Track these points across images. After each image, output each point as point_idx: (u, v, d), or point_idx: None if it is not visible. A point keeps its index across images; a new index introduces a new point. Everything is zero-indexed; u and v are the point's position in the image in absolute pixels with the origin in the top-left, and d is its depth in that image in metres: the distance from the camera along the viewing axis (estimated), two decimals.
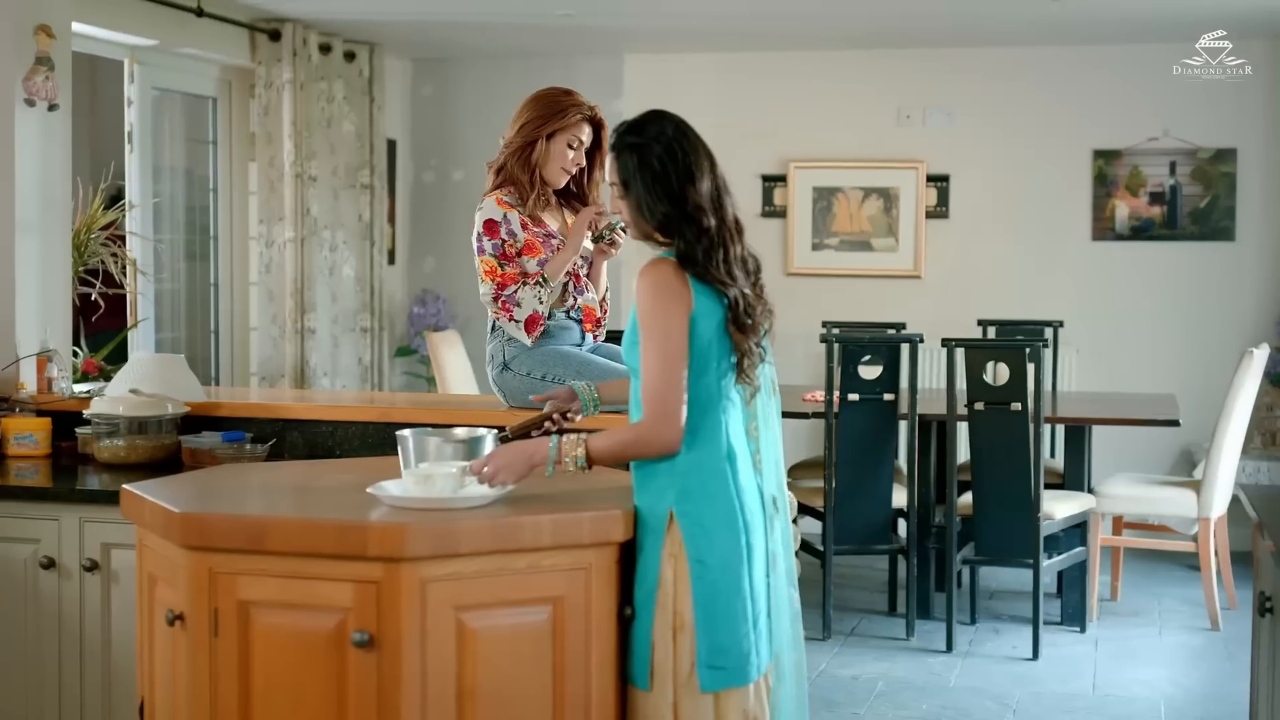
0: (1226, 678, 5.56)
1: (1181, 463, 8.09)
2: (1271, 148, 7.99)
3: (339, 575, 2.86)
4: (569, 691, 3.00)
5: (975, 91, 8.43)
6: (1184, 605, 6.71)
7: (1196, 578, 7.25)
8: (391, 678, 2.84)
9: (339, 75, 7.89)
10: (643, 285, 3.05)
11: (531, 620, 2.96)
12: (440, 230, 9.11)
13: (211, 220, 7.67)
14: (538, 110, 4.21)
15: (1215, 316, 8.07)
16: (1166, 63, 8.08)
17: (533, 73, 8.91)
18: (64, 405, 4.46)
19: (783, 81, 8.66)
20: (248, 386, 7.63)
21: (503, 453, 3.14)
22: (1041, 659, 5.77)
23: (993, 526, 5.86)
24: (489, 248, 4.14)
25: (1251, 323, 8.01)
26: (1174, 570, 7.43)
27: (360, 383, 8.20)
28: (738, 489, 3.08)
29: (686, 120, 3.17)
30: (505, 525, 2.91)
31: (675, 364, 3.02)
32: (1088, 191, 8.27)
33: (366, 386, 8.23)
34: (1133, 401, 7.00)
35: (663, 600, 3.04)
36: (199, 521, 2.91)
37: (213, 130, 7.62)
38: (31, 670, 3.84)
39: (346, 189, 7.99)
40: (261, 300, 7.59)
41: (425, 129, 9.13)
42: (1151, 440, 7.99)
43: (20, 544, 3.85)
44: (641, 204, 3.11)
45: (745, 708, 3.05)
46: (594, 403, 3.53)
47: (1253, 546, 3.92)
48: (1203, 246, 8.11)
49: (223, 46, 7.24)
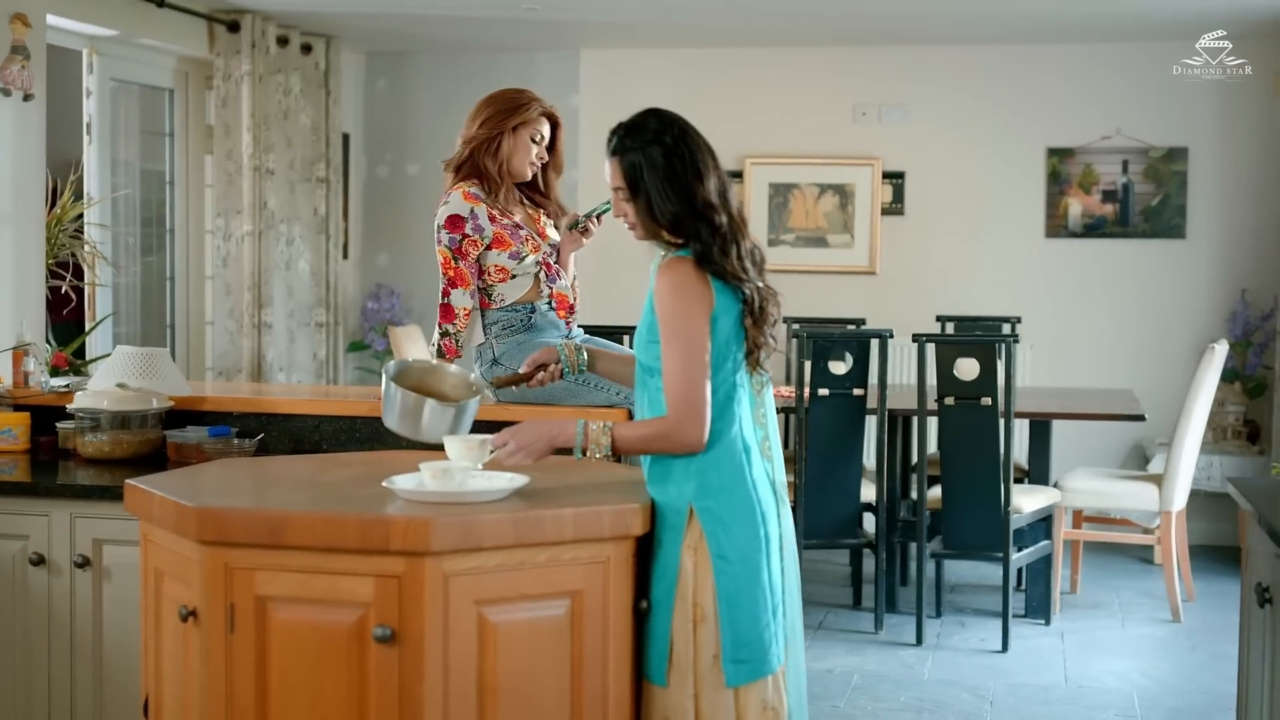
0: (1194, 669, 5.64)
1: (1134, 457, 8.19)
2: (1221, 147, 8.10)
3: (360, 570, 2.83)
4: (587, 685, 3.00)
5: (931, 89, 8.48)
6: (1142, 598, 6.80)
7: (1150, 570, 7.37)
8: (414, 673, 2.82)
9: (295, 68, 7.81)
10: (664, 285, 3.05)
11: (551, 614, 2.95)
12: (394, 225, 9.05)
13: (167, 213, 7.57)
14: (498, 106, 4.25)
15: (1167, 313, 8.18)
16: (1119, 62, 8.20)
17: (488, 67, 8.90)
18: (42, 400, 4.39)
19: (739, 78, 8.67)
20: (203, 381, 7.54)
21: (524, 431, 3.15)
22: (1011, 651, 5.83)
23: (962, 520, 5.90)
24: (445, 240, 4.18)
25: (1203, 319, 8.13)
26: (1126, 563, 7.53)
27: (315, 378, 8.13)
28: (753, 481, 3.10)
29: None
30: (527, 519, 2.90)
31: (700, 363, 3.03)
32: (1041, 189, 8.35)
33: (321, 381, 8.16)
34: (1093, 396, 7.08)
35: (682, 593, 3.05)
36: (215, 516, 2.88)
37: (169, 122, 7.52)
38: (20, 668, 3.78)
39: (302, 182, 7.91)
40: (218, 294, 7.50)
41: (379, 123, 9.06)
42: (1104, 434, 8.09)
43: (8, 540, 3.78)
44: (653, 205, 3.11)
45: (764, 698, 3.06)
46: (578, 366, 3.49)
47: (1241, 539, 3.98)
48: (1154, 244, 8.21)
49: (181, 37, 7.15)
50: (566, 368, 3.44)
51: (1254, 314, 7.97)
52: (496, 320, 4.20)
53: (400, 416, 3.28)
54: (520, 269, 4.17)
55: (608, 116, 4.24)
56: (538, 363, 3.43)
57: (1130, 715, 5.05)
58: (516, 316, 4.20)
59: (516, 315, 4.20)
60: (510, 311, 4.20)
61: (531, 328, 4.20)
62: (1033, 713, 5.07)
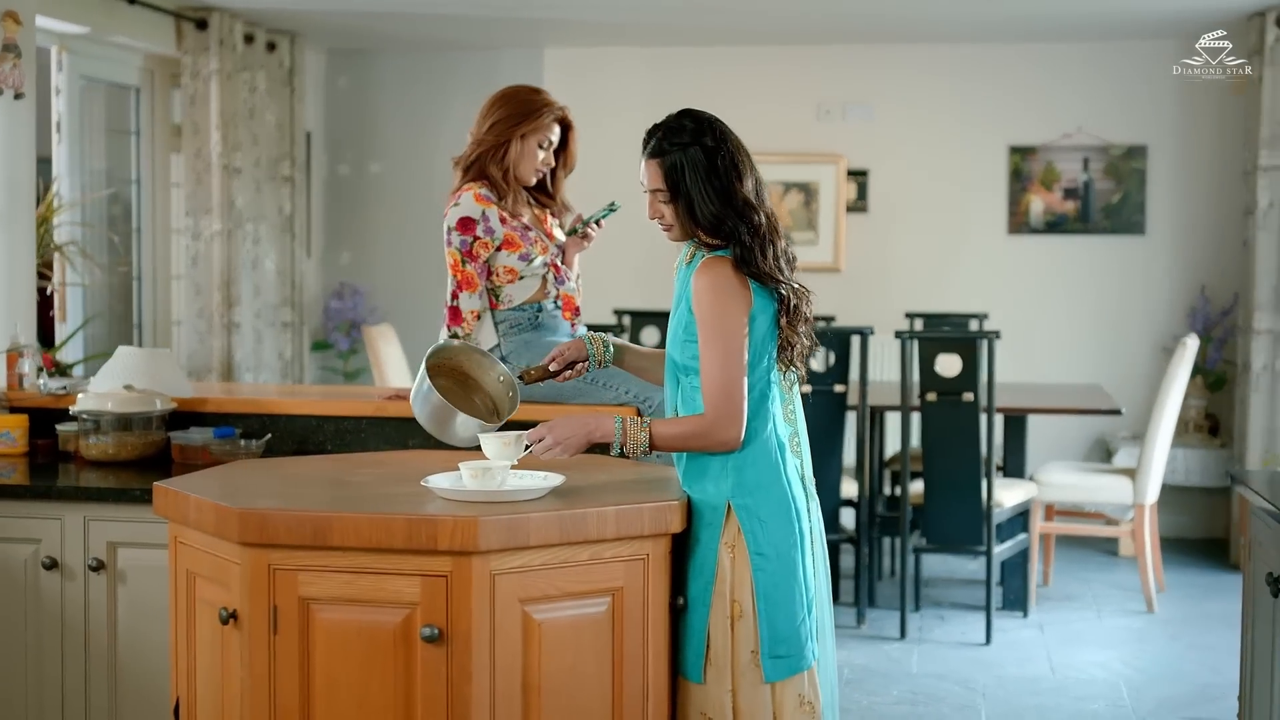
0: (1176, 658, 5.73)
1: (1097, 450, 8.30)
2: (1180, 144, 8.22)
3: (407, 569, 2.83)
4: (627, 682, 3.01)
5: (894, 88, 8.55)
6: (1112, 589, 6.89)
7: (1115, 562, 7.48)
8: (461, 672, 2.82)
9: (261, 66, 7.76)
10: (703, 284, 3.07)
11: (593, 612, 2.97)
12: (356, 224, 9.01)
13: (134, 213, 7.50)
14: (510, 109, 4.21)
15: (1128, 309, 8.29)
16: (1080, 61, 8.30)
17: (451, 66, 8.88)
18: (40, 402, 4.34)
19: (703, 76, 8.70)
20: None
21: (561, 426, 3.15)
22: (994, 644, 5.89)
23: (943, 515, 5.96)
24: (456, 243, 4.14)
25: (1163, 314, 8.25)
26: (1093, 556, 7.63)
27: (281, 378, 8.08)
28: (788, 478, 3.13)
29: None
30: (572, 517, 2.90)
31: (739, 362, 3.05)
32: (1004, 186, 8.44)
33: (288, 381, 8.11)
34: (1064, 391, 7.17)
35: (720, 590, 3.06)
36: (259, 518, 2.86)
37: (135, 120, 7.44)
38: (32, 674, 3.74)
39: (268, 181, 7.86)
40: (188, 294, 7.43)
41: (340, 121, 9.02)
42: (1067, 429, 8.20)
43: (20, 544, 3.74)
44: (694, 206, 3.12)
45: (801, 692, 3.09)
46: (605, 361, 3.47)
47: (1242, 530, 4.05)
48: (1115, 240, 8.33)
49: (149, 35, 7.08)
50: (594, 361, 3.43)
51: (1214, 309, 8.09)
52: (503, 320, 4.20)
53: (430, 416, 3.26)
54: (529, 270, 4.17)
55: (572, 114, 4.27)
56: (567, 358, 3.42)
57: (1120, 705, 5.12)
58: (523, 316, 4.20)
59: (523, 315, 4.20)
60: (517, 311, 4.19)
61: (538, 327, 4.21)
62: (1024, 704, 5.14)
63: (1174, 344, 8.11)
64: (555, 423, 3.17)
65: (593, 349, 3.42)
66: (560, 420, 3.18)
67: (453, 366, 3.35)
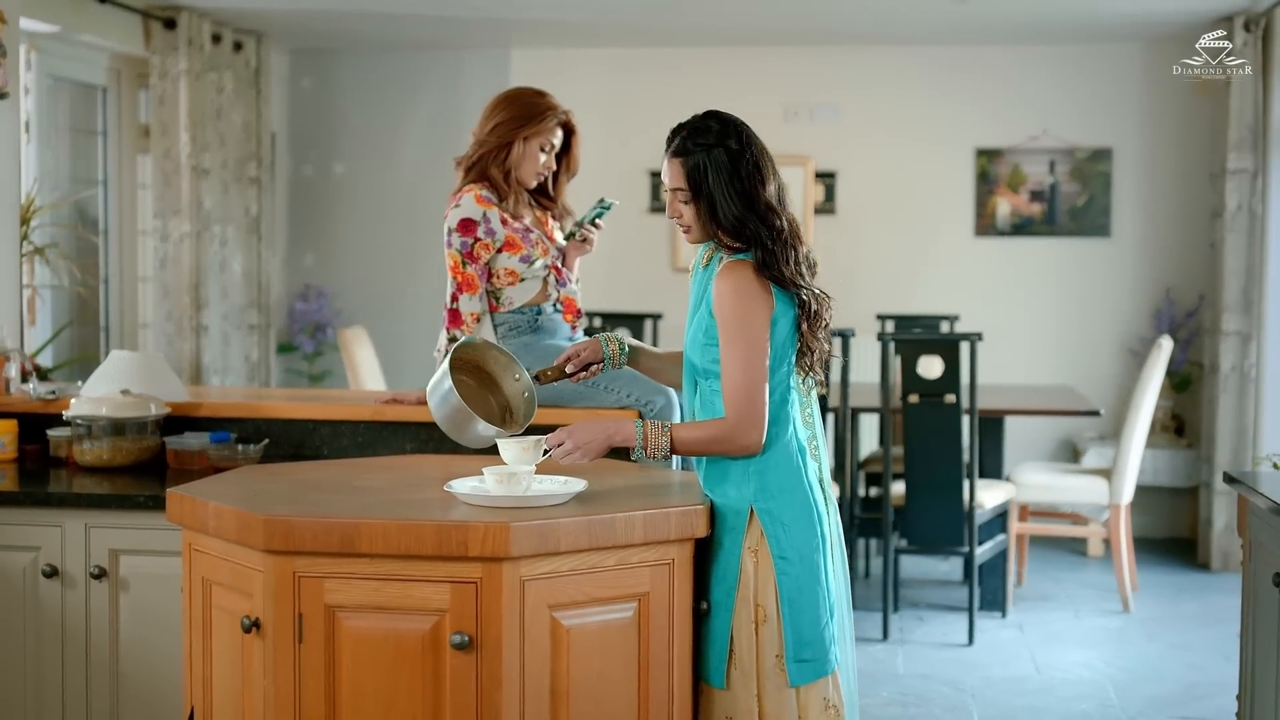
0: (1157, 658, 5.77)
1: (1063, 451, 8.36)
2: (1145, 147, 8.29)
3: (436, 576, 2.80)
4: (653, 687, 3.00)
5: (862, 90, 8.58)
6: (1085, 589, 6.94)
7: (1085, 563, 7.54)
8: (491, 679, 2.80)
9: (228, 66, 7.67)
10: (726, 288, 3.05)
11: (619, 617, 2.95)
12: (320, 225, 8.93)
13: (100, 214, 7.40)
14: (513, 111, 4.18)
15: (1093, 310, 8.35)
16: (1046, 64, 8.36)
17: (416, 66, 8.83)
18: (29, 407, 4.27)
19: (670, 77, 8.69)
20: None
21: (581, 430, 3.12)
22: (976, 644, 5.91)
23: (925, 516, 5.97)
24: (456, 244, 4.12)
25: (1128, 316, 8.31)
26: (1063, 556, 7.68)
27: (248, 380, 8.00)
28: (809, 482, 3.12)
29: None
30: (601, 522, 2.89)
31: (760, 367, 3.04)
32: (971, 189, 8.48)
33: (255, 384, 8.03)
34: (1038, 393, 7.22)
35: (744, 594, 3.06)
36: (284, 525, 2.82)
37: (102, 120, 7.35)
38: (32, 684, 3.68)
39: (235, 182, 7.78)
40: (156, 296, 7.34)
41: (304, 122, 8.94)
42: (1034, 430, 8.25)
43: (18, 552, 3.67)
44: (717, 207, 3.10)
45: (825, 696, 3.08)
46: (620, 361, 3.44)
47: (1240, 531, 4.08)
48: (1081, 243, 8.38)
49: (117, 34, 6.98)
50: (609, 362, 3.41)
51: (1179, 311, 8.17)
52: (503, 322, 4.18)
53: (448, 417, 3.22)
54: (530, 273, 4.14)
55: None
56: (583, 359, 3.39)
57: (1109, 705, 5.15)
58: (523, 319, 4.17)
59: (523, 318, 4.17)
60: (517, 314, 4.17)
61: (538, 330, 4.19)
62: (1013, 704, 5.16)
63: (1140, 345, 8.20)
64: (575, 427, 3.15)
65: (608, 349, 3.39)
66: (580, 424, 3.15)
67: (474, 362, 3.32)
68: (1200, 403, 8.00)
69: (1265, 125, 7.30)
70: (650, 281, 8.51)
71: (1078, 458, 8.04)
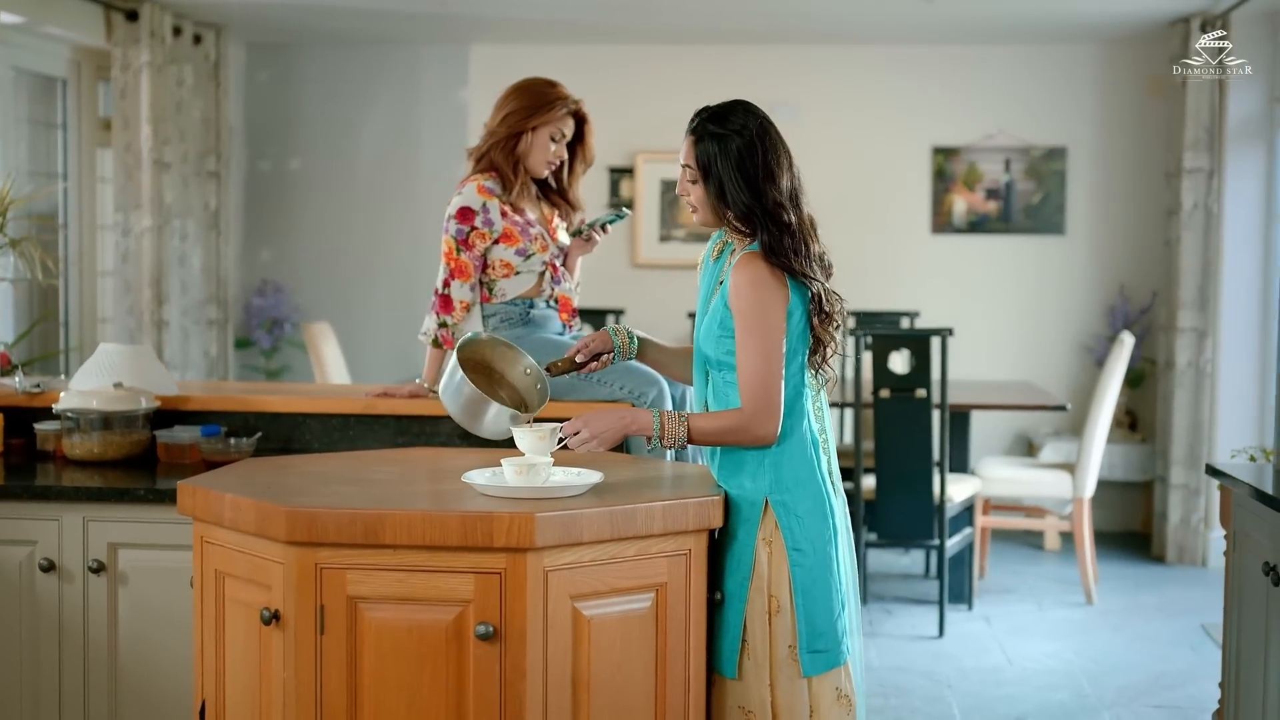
0: (1123, 649, 5.85)
1: (1018, 445, 8.46)
2: (1099, 146, 8.41)
3: (460, 567, 2.81)
4: (670, 676, 3.02)
5: (819, 88, 8.63)
6: (1047, 582, 7.03)
7: (1041, 555, 7.63)
8: (515, 669, 2.81)
9: (188, 59, 7.61)
10: (743, 279, 3.08)
11: (638, 607, 2.97)
12: (277, 220, 8.87)
13: (60, 208, 7.32)
14: (523, 101, 4.20)
15: (1048, 307, 8.46)
16: (1002, 64, 8.45)
17: (374, 60, 8.79)
18: (13, 400, 4.23)
19: (630, 74, 8.71)
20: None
21: (597, 420, 3.14)
22: (946, 637, 5.98)
23: (896, 510, 6.03)
24: (453, 231, 4.13)
25: (1082, 313, 8.42)
26: (1019, 549, 7.77)
27: (207, 376, 7.95)
28: (822, 474, 3.16)
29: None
30: (622, 513, 2.90)
31: (776, 358, 3.07)
32: (928, 187, 8.56)
33: (214, 380, 7.97)
34: (1000, 388, 7.30)
35: (758, 585, 3.08)
36: (307, 517, 2.82)
37: (62, 113, 7.26)
38: (28, 680, 3.64)
39: (194, 176, 7.72)
40: (118, 291, 7.27)
41: (261, 116, 8.87)
42: (990, 425, 8.35)
43: (13, 546, 3.63)
44: (724, 190, 3.14)
45: (838, 686, 3.12)
46: (630, 352, 3.47)
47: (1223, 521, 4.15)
48: (1036, 240, 8.49)
49: (79, 25, 6.91)
50: (618, 353, 3.42)
51: (1133, 308, 8.29)
52: (495, 313, 4.18)
53: (462, 409, 3.22)
54: (525, 266, 4.15)
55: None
56: (592, 350, 3.41)
57: (1084, 695, 5.23)
58: (514, 311, 4.18)
59: (514, 310, 4.18)
60: (509, 305, 4.18)
61: (529, 323, 4.20)
62: (992, 695, 5.22)
63: (1094, 342, 8.31)
64: (590, 416, 3.16)
65: (617, 341, 3.41)
66: (596, 414, 3.17)
67: (478, 360, 3.32)
68: (1154, 398, 8.13)
69: (1221, 125, 7.42)
70: (611, 279, 8.51)
71: (1034, 452, 8.14)
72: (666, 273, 8.66)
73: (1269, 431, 7.30)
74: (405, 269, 8.75)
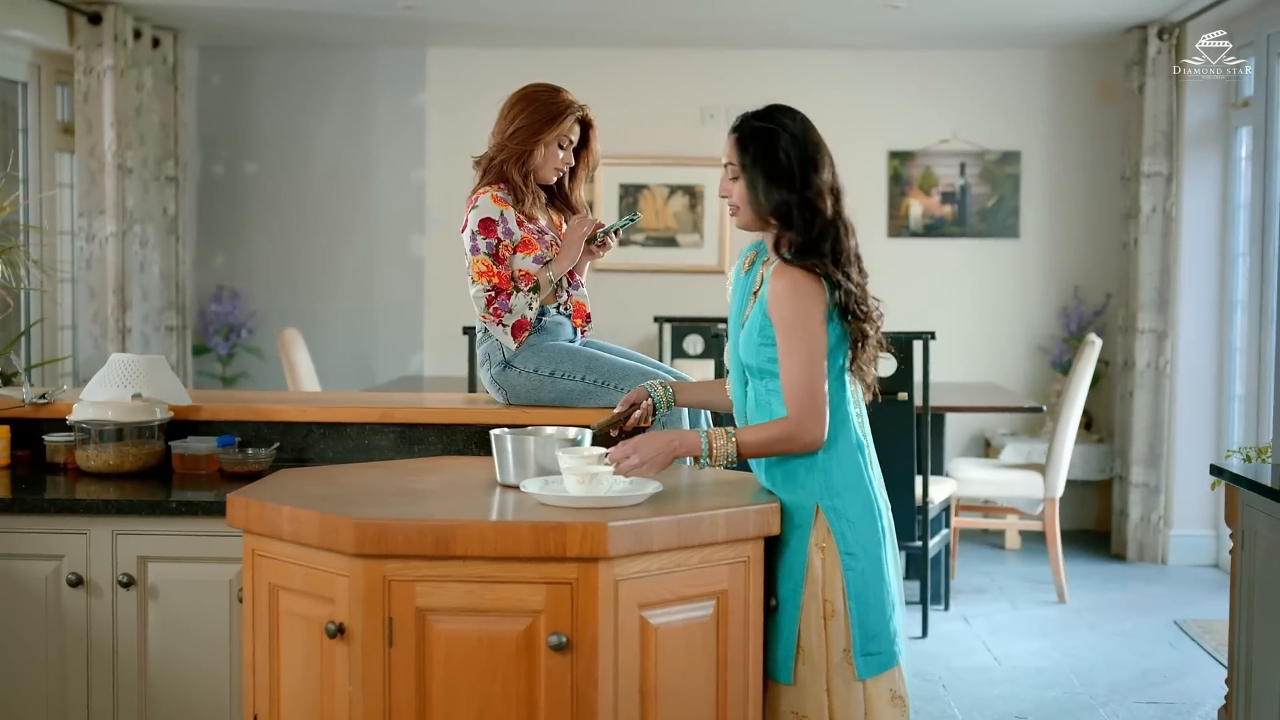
0: (1105, 646, 5.95)
1: (975, 446, 8.56)
2: (1052, 150, 8.53)
3: (530, 577, 2.81)
4: (731, 683, 3.04)
5: (776, 93, 8.55)
6: (1016, 581, 7.12)
7: (1006, 555, 7.74)
8: (587, 679, 2.81)
9: (148, 63, 7.52)
10: (781, 288, 3.11)
11: (701, 615, 2.99)
12: (231, 225, 8.78)
13: (20, 213, 7.18)
14: (532, 116, 4.16)
15: (1003, 309, 8.57)
16: (957, 69, 8.56)
17: (329, 64, 8.73)
18: (20, 412, 4.15)
19: (588, 78, 8.66)
20: None
21: (646, 444, 3.14)
22: (930, 637, 6.04)
23: None
24: (483, 247, 4.07)
25: (1037, 314, 8.55)
26: (981, 549, 7.87)
27: None
28: (869, 478, 3.19)
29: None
30: (689, 521, 2.92)
31: (820, 363, 3.10)
32: (884, 190, 8.65)
33: None
34: (968, 390, 7.38)
35: (812, 590, 3.11)
36: (377, 528, 2.81)
37: (23, 117, 7.14)
38: (54, 697, 3.57)
39: (154, 181, 7.63)
40: (81, 298, 7.16)
41: (214, 120, 8.77)
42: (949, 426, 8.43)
43: (40, 561, 3.57)
44: (761, 187, 3.16)
45: (892, 687, 3.15)
46: (667, 403, 3.53)
47: (1229, 520, 4.24)
48: (990, 243, 8.60)
49: (42, 28, 6.80)
50: (659, 404, 3.48)
51: (1087, 310, 8.42)
52: None
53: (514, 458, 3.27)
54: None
55: (455, 116, 4.26)
56: (630, 403, 3.47)
57: (1076, 692, 5.31)
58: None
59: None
60: None
61: (542, 330, 4.18)
62: (986, 694, 5.29)
63: (1049, 343, 8.44)
64: (639, 440, 3.16)
65: (656, 394, 3.48)
66: (644, 438, 3.17)
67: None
68: (1110, 398, 8.26)
69: (1179, 130, 7.56)
70: None
71: (993, 453, 8.24)
72: (628, 276, 8.67)
73: (1227, 430, 7.46)
74: (362, 274, 8.70)
